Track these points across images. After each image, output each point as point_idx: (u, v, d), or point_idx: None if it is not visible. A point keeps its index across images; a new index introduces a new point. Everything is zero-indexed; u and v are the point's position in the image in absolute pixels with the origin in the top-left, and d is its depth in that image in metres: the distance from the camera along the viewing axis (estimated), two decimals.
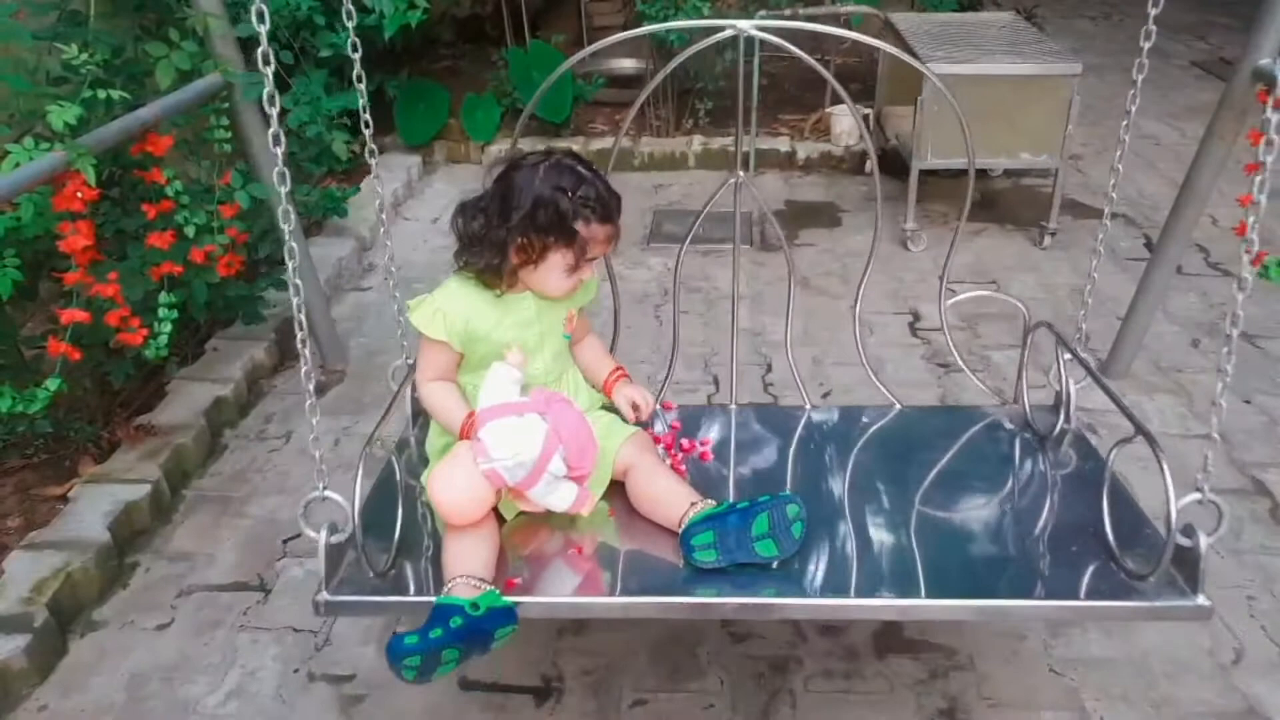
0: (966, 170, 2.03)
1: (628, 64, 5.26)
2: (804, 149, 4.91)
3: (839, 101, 4.93)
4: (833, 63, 5.13)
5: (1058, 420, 1.96)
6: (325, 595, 1.56)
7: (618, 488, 1.76)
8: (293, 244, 1.49)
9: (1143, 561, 1.56)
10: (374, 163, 1.97)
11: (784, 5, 4.70)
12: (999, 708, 1.97)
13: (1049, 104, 3.75)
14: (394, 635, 1.45)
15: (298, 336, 1.53)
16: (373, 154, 1.98)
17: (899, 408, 2.10)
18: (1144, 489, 1.96)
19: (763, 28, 1.86)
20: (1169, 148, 4.99)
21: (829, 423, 2.06)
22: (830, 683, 2.03)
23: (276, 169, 1.46)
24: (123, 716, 2.01)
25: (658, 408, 2.00)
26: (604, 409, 1.90)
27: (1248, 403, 2.93)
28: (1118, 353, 3.04)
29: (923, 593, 1.56)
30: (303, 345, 1.53)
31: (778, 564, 1.58)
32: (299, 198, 3.45)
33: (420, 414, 1.99)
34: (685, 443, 1.96)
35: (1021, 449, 1.96)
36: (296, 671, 2.09)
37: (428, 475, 1.69)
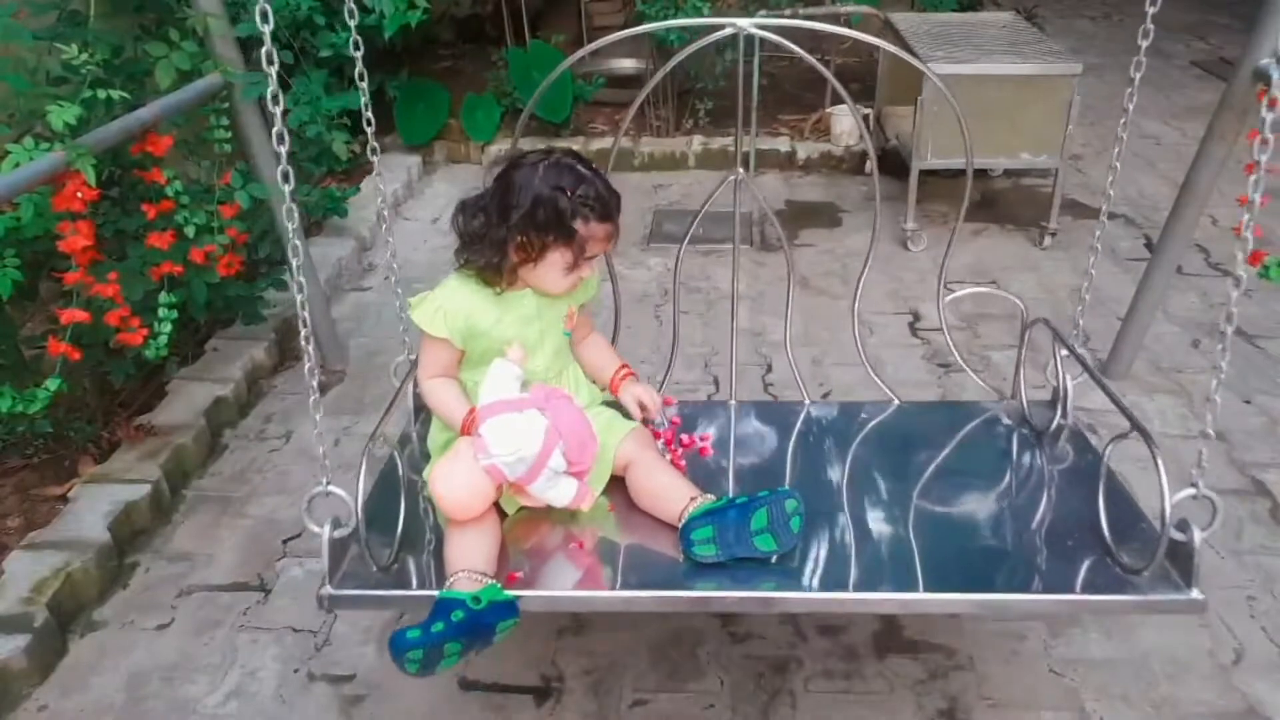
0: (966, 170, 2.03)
1: (628, 64, 5.25)
2: (804, 149, 4.91)
3: (839, 101, 4.93)
4: (833, 62, 5.12)
5: (1055, 416, 1.96)
6: (329, 589, 1.56)
7: (618, 483, 1.77)
8: (296, 243, 1.49)
9: (1138, 556, 1.56)
10: (376, 161, 1.97)
11: (784, 4, 4.71)
12: (999, 708, 1.97)
13: (1049, 104, 3.75)
14: (396, 629, 1.45)
15: (301, 334, 1.53)
16: (375, 152, 1.97)
17: (897, 403, 2.10)
18: (1143, 489, 1.96)
19: (763, 26, 1.86)
20: (1169, 148, 4.99)
21: (827, 418, 2.07)
22: (830, 683, 2.03)
23: (280, 168, 1.46)
24: (123, 716, 2.01)
25: None
26: (604, 405, 1.90)
27: (1248, 403, 2.93)
28: (1118, 353, 3.04)
29: (920, 587, 1.57)
30: (306, 343, 1.54)
31: (777, 559, 1.59)
32: (299, 197, 3.45)
33: (422, 410, 2.00)
34: (685, 438, 1.96)
35: (1019, 444, 1.97)
36: (296, 671, 2.09)
37: (429, 471, 1.69)
